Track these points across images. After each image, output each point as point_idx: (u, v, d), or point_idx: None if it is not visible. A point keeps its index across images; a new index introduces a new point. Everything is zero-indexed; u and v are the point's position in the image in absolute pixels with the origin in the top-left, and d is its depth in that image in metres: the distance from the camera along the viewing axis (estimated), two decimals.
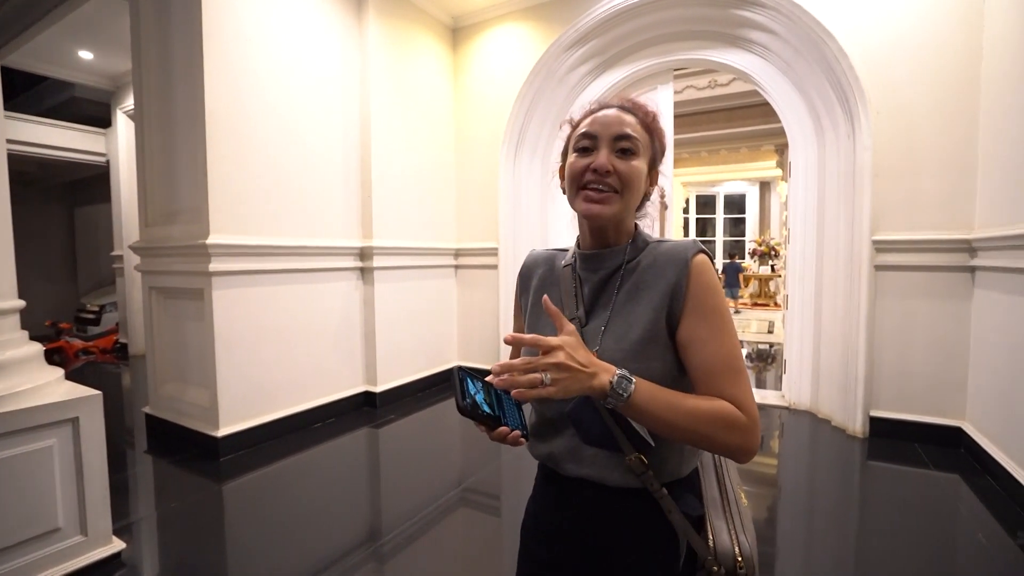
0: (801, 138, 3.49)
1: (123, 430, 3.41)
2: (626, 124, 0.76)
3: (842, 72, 3.03)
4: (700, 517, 0.75)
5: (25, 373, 1.74)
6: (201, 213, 2.82)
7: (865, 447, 2.92)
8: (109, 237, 6.24)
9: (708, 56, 3.75)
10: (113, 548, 1.86)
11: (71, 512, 1.76)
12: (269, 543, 2.04)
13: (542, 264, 0.91)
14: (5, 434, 1.59)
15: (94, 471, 1.82)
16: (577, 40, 3.93)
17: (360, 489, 2.59)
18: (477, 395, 0.68)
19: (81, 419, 1.77)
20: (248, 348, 2.99)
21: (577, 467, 0.77)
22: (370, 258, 3.71)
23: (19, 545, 1.63)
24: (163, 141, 3.05)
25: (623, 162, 0.75)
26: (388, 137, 3.84)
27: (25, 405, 1.64)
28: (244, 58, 2.95)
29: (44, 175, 7.26)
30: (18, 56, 4.81)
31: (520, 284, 0.93)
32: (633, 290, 0.77)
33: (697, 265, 0.73)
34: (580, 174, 0.77)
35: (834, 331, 3.28)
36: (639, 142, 0.76)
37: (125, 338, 6.02)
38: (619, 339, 0.74)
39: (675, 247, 0.76)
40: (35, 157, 5.85)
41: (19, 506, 1.63)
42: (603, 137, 0.76)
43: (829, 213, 3.32)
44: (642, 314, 0.74)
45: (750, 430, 0.67)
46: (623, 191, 0.75)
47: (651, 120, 0.80)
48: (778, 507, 2.38)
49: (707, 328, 0.71)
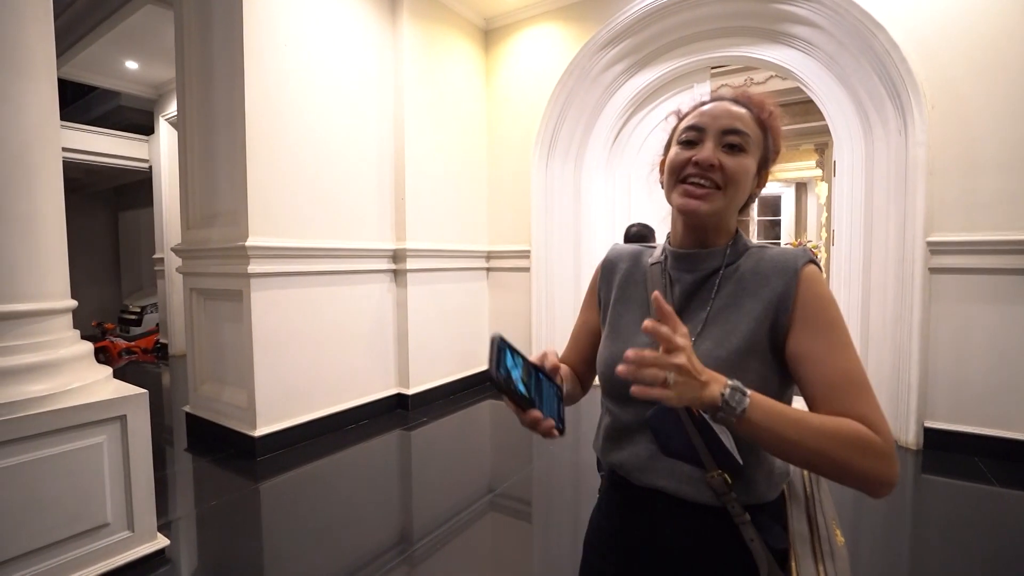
0: (847, 135, 3.35)
1: (163, 429, 3.52)
2: (737, 117, 0.71)
3: (893, 65, 2.91)
4: (784, 551, 0.68)
5: (77, 371, 1.80)
6: (240, 216, 2.89)
7: (919, 459, 2.78)
8: (151, 240, 6.47)
9: (747, 53, 3.66)
10: (158, 544, 1.90)
11: (119, 508, 1.81)
12: (304, 543, 2.06)
13: (627, 259, 0.86)
14: (60, 430, 1.64)
15: (140, 468, 1.86)
16: (611, 39, 3.88)
17: (392, 491, 2.60)
18: (514, 370, 0.63)
19: (129, 417, 1.82)
20: (284, 349, 3.04)
21: (651, 477, 0.72)
22: (403, 260, 3.73)
23: (71, 539, 1.68)
24: (204, 146, 3.14)
25: (730, 158, 0.70)
26: (421, 139, 3.87)
27: (77, 402, 1.69)
28: (282, 65, 3.01)
29: (91, 181, 7.59)
30: (70, 68, 5.05)
31: (602, 275, 0.88)
32: (733, 296, 0.71)
33: (807, 275, 0.67)
34: (681, 166, 0.72)
35: (883, 336, 3.13)
36: (750, 138, 0.71)
37: (165, 338, 6.23)
38: (716, 347, 0.68)
39: (782, 254, 0.71)
40: (83, 164, 6.12)
41: (71, 501, 1.68)
42: (710, 129, 0.71)
43: (877, 214, 3.18)
44: (742, 323, 0.69)
45: (888, 456, 0.58)
46: (727, 188, 0.70)
47: (767, 116, 0.74)
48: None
49: (824, 342, 0.64)
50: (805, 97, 4.62)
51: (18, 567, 1.57)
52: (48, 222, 1.78)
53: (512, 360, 0.64)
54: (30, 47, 1.70)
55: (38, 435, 1.60)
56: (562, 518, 2.32)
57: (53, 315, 1.78)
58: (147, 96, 5.82)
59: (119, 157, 6.27)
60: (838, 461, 0.57)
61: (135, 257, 8.22)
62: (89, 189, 8.04)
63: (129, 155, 6.32)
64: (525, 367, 0.65)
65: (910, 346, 2.91)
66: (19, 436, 1.56)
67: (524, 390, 0.62)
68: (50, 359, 1.70)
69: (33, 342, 1.68)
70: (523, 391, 0.62)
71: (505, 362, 0.62)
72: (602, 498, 0.84)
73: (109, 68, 5.23)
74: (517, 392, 0.61)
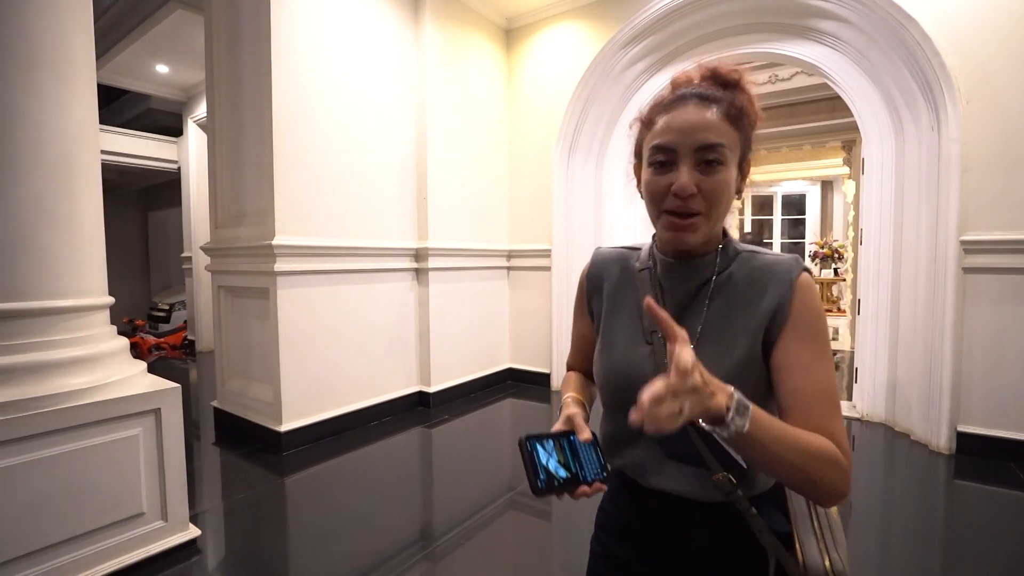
0: (876, 132, 3.28)
1: (191, 423, 3.62)
2: (709, 129, 0.65)
3: (925, 59, 2.84)
4: (788, 533, 0.70)
5: (114, 366, 1.87)
6: (267, 215, 2.96)
7: (951, 464, 2.71)
8: (179, 239, 6.66)
9: (773, 49, 3.60)
10: (190, 534, 1.97)
11: (153, 498, 1.88)
12: (328, 537, 2.10)
13: (613, 264, 0.84)
14: (100, 422, 1.71)
15: (173, 460, 1.93)
16: (633, 37, 3.86)
17: (414, 488, 2.63)
18: (550, 462, 0.62)
19: (163, 410, 1.88)
20: (309, 346, 3.10)
21: (659, 480, 0.73)
22: (425, 259, 3.78)
23: (110, 527, 1.75)
24: (232, 147, 3.22)
25: (709, 177, 0.66)
26: (443, 138, 3.90)
27: (116, 395, 1.76)
28: (308, 67, 3.07)
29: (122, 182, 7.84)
30: (103, 72, 5.22)
31: (590, 284, 0.86)
32: (728, 307, 0.71)
33: (802, 286, 0.67)
34: (661, 196, 0.68)
35: (914, 338, 3.06)
36: (726, 147, 0.66)
37: (193, 335, 6.40)
38: (715, 360, 0.67)
39: (775, 262, 0.70)
40: (116, 165, 6.32)
41: (110, 490, 1.75)
42: (683, 150, 0.66)
43: (908, 212, 3.11)
44: (740, 335, 0.69)
45: (848, 472, 0.61)
46: (710, 210, 0.67)
47: (738, 107, 0.68)
48: (848, 526, 2.23)
49: (810, 353, 0.65)
50: (832, 93, 4.54)
51: (63, 552, 1.64)
52: (89, 221, 1.86)
53: (544, 453, 0.63)
54: (74, 53, 1.78)
55: (80, 426, 1.67)
56: (582, 517, 2.32)
57: (93, 311, 1.85)
58: (176, 99, 5.99)
59: (149, 159, 6.47)
60: (810, 476, 0.59)
61: (163, 255, 8.47)
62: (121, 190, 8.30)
63: (159, 156, 6.51)
64: (557, 445, 0.65)
65: (942, 347, 2.84)
66: (63, 427, 1.63)
67: (566, 473, 0.62)
68: (90, 353, 1.77)
69: (75, 336, 1.75)
70: (565, 475, 0.62)
71: (540, 462, 0.61)
72: (613, 492, 0.84)
73: (140, 72, 5.40)
74: (562, 482, 0.62)
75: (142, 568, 1.81)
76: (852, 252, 6.76)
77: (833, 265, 10.34)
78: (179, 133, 6.39)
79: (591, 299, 0.86)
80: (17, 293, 1.63)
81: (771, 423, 0.59)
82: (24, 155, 1.65)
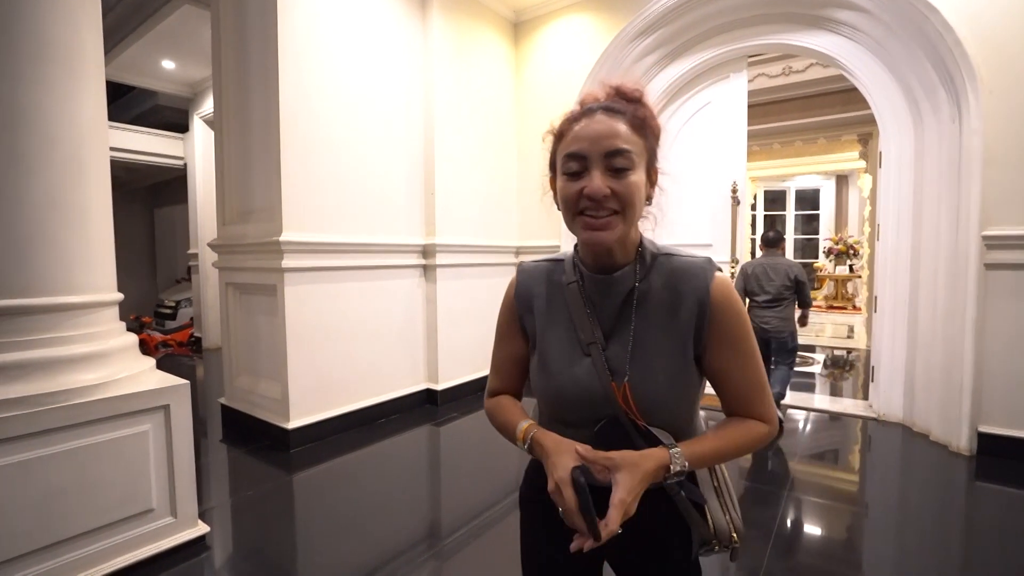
0: (894, 125, 3.24)
1: (199, 420, 3.65)
2: (617, 136, 0.71)
3: (946, 49, 2.79)
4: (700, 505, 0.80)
5: (124, 362, 1.89)
6: (275, 212, 2.97)
7: (972, 466, 2.68)
8: (185, 236, 6.71)
9: (787, 40, 3.56)
10: (199, 531, 1.99)
11: (163, 494, 1.90)
12: (335, 535, 2.12)
13: (540, 280, 0.87)
14: (110, 418, 1.73)
15: (182, 456, 1.95)
16: (644, 29, 3.84)
17: (422, 486, 2.65)
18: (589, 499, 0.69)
19: (172, 407, 1.90)
20: (317, 343, 3.12)
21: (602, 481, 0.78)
22: (432, 256, 3.78)
23: (120, 522, 1.78)
24: (240, 144, 3.24)
25: (619, 181, 0.71)
26: (451, 134, 3.90)
27: (126, 391, 1.78)
28: (316, 63, 3.08)
29: (129, 178, 7.92)
30: (110, 69, 5.26)
31: (520, 303, 0.87)
32: (654, 315, 0.77)
33: (717, 289, 0.74)
34: (575, 201, 0.73)
35: (933, 336, 3.02)
36: (633, 153, 0.71)
37: (199, 332, 6.46)
38: (648, 369, 0.76)
39: (690, 267, 0.76)
40: (123, 162, 6.38)
41: (120, 486, 1.77)
42: (593, 156, 0.71)
43: (927, 207, 3.07)
44: (669, 343, 0.76)
45: (771, 434, 0.78)
46: (624, 211, 0.72)
47: (641, 118, 0.74)
48: (864, 528, 2.21)
49: (739, 357, 0.75)
50: (848, 85, 4.50)
51: (73, 547, 1.67)
52: (98, 217, 1.88)
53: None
54: (83, 49, 1.79)
55: (91, 422, 1.69)
56: None
57: (103, 307, 1.87)
58: (183, 95, 6.04)
59: (156, 155, 6.53)
60: (744, 453, 0.77)
61: (170, 252, 8.55)
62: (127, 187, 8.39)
63: (165, 152, 6.57)
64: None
65: (963, 346, 2.80)
66: (75, 422, 1.65)
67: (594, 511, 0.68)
68: (100, 349, 1.79)
69: (85, 332, 1.77)
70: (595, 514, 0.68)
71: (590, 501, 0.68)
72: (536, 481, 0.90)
73: (147, 68, 5.44)
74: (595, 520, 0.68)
75: (152, 564, 1.84)
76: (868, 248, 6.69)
77: (848, 262, 10.24)
78: (185, 129, 6.43)
79: (523, 317, 0.88)
80: (30, 289, 1.65)
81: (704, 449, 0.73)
82: (36, 150, 1.67)
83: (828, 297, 10.41)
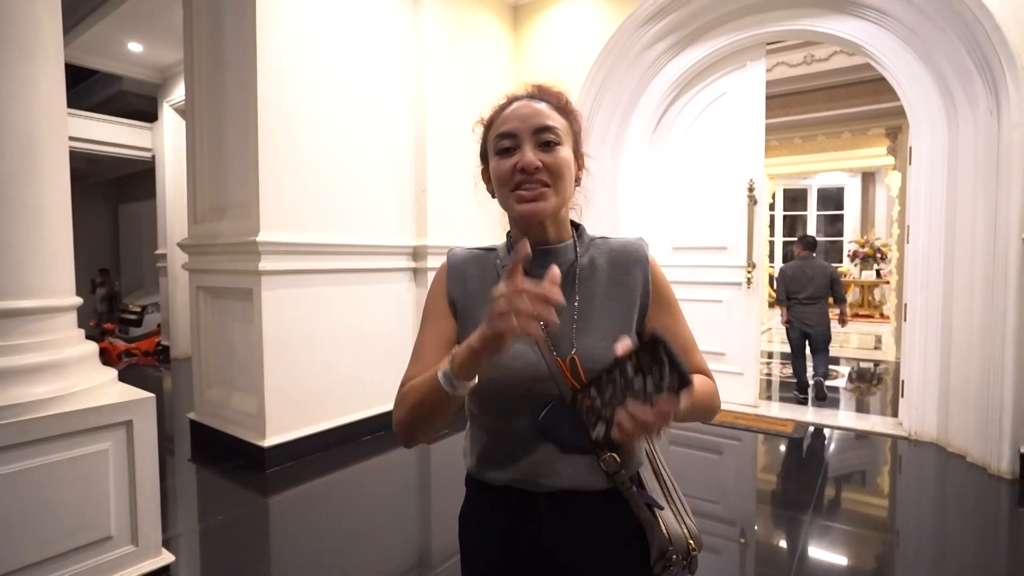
0: (926, 117, 3.25)
1: (165, 437, 3.61)
2: (543, 114, 0.80)
3: (984, 35, 2.80)
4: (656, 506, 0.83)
5: (82, 373, 1.86)
6: (251, 209, 2.95)
7: (1015, 490, 2.66)
8: (153, 235, 6.68)
9: (809, 26, 3.58)
10: (163, 560, 1.95)
11: (123, 520, 1.86)
12: (316, 564, 2.09)
13: (471, 264, 0.92)
14: (65, 435, 1.70)
15: (146, 478, 1.92)
16: (654, 14, 3.84)
17: (411, 509, 2.62)
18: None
19: (135, 422, 1.87)
20: (297, 353, 3.10)
21: (552, 480, 0.80)
22: (424, 258, 3.77)
23: (72, 552, 1.73)
24: (214, 134, 3.22)
25: (549, 155, 0.79)
26: (444, 126, 3.90)
27: (83, 406, 1.75)
28: (298, 46, 3.07)
29: (92, 171, 7.90)
30: (70, 50, 5.24)
31: (452, 283, 0.91)
32: (599, 288, 0.84)
33: (653, 263, 0.87)
34: (509, 175, 0.80)
35: (969, 347, 3.02)
36: (559, 130, 0.81)
37: (167, 340, 6.42)
38: (594, 339, 0.80)
39: (628, 245, 0.88)
40: (84, 153, 6.37)
41: (75, 511, 1.74)
42: (523, 133, 0.79)
43: (962, 206, 3.07)
44: (617, 312, 0.84)
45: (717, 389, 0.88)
46: (555, 183, 0.80)
47: (564, 103, 0.86)
48: (895, 559, 2.19)
49: (673, 318, 0.87)
50: (874, 75, 4.51)
51: None
52: (55, 214, 1.85)
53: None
54: (40, 28, 1.77)
55: (42, 440, 1.65)
56: None
57: (59, 313, 1.84)
58: (151, 80, 6.01)
59: (121, 146, 6.51)
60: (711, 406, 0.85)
61: (136, 253, 8.51)
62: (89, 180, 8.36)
63: (131, 143, 6.55)
64: None
65: (1003, 358, 2.80)
66: (23, 440, 1.61)
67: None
68: (55, 359, 1.76)
69: (38, 341, 1.74)
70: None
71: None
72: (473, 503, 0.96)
73: (111, 50, 5.43)
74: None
75: None
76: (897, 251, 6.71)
77: (875, 266, 10.27)
78: (154, 118, 6.41)
79: (456, 297, 0.90)
80: None
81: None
82: None
83: (853, 304, 10.44)
